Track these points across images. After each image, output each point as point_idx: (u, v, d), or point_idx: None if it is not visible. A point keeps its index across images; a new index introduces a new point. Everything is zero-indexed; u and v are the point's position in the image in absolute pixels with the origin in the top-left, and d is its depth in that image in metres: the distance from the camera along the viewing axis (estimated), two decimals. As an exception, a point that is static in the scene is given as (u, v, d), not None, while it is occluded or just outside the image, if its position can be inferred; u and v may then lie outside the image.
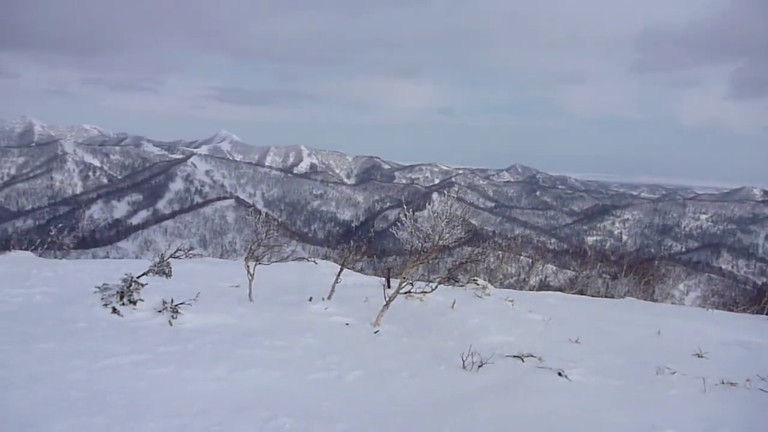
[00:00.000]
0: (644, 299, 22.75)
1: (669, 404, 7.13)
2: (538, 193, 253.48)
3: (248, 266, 11.12)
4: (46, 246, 15.52)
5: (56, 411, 5.24)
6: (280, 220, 12.67)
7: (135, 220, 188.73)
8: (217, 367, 6.98)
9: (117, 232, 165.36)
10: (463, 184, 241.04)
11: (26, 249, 14.52)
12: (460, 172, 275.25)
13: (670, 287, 30.46)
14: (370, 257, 15.08)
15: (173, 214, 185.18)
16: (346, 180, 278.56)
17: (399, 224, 11.04)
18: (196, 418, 5.54)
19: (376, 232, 13.36)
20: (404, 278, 10.72)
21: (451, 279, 13.40)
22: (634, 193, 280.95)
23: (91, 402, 5.57)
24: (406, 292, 10.81)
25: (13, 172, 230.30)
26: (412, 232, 10.68)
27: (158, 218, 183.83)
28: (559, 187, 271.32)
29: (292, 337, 8.78)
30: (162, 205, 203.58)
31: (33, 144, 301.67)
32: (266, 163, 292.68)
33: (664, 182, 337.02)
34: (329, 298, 11.38)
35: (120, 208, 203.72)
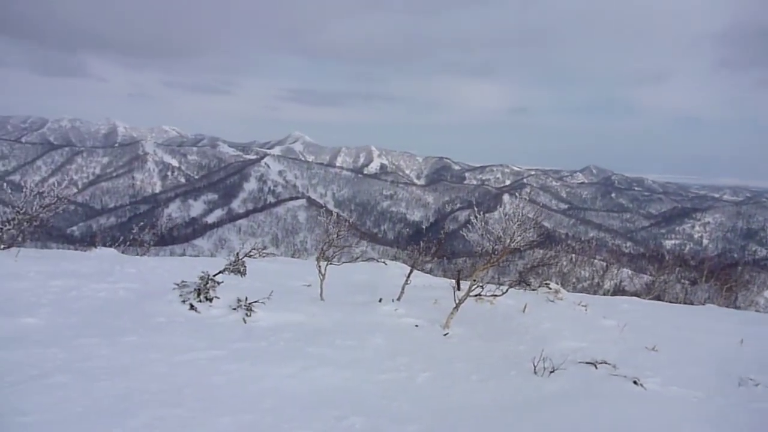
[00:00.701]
0: (726, 306, 21.80)
1: (753, 418, 6.82)
2: (613, 194, 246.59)
3: (320, 266, 11.29)
4: (128, 243, 16.19)
5: (138, 402, 5.46)
6: (350, 220, 12.80)
7: (210, 219, 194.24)
8: (290, 365, 7.12)
9: (193, 230, 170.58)
10: (535, 185, 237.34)
11: (110, 246, 15.17)
12: (533, 173, 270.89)
13: (754, 294, 29.10)
14: (440, 259, 15.03)
15: (247, 214, 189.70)
16: (416, 181, 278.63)
17: (469, 226, 10.98)
18: (268, 414, 5.66)
19: (445, 234, 13.31)
20: (474, 281, 10.64)
21: (522, 282, 13.24)
22: (716, 195, 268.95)
23: (170, 394, 5.78)
24: (476, 295, 10.73)
25: (98, 171, 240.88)
26: (482, 234, 10.59)
27: (232, 217, 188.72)
28: (636, 188, 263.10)
29: (362, 337, 8.87)
30: (236, 205, 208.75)
31: (116, 145, 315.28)
32: (337, 164, 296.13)
33: (748, 184, 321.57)
34: (399, 299, 11.43)
35: (196, 207, 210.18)
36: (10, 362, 6.01)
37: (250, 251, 9.91)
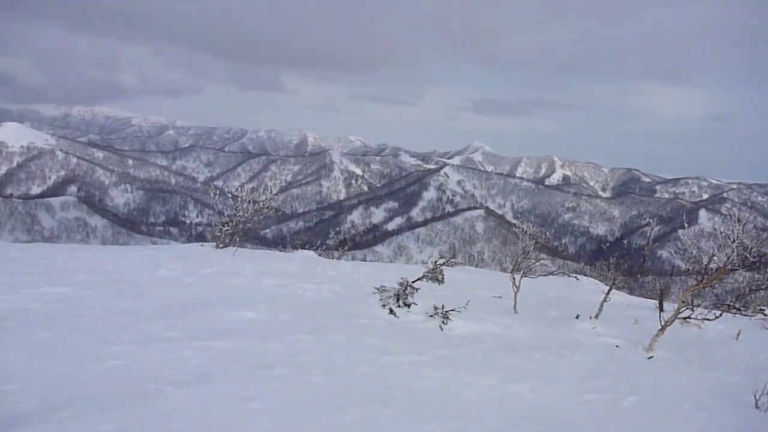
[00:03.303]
0: None
1: None
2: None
3: (513, 278, 11.14)
4: (325, 247, 17.12)
5: (350, 399, 5.70)
6: (546, 234, 12.51)
7: (390, 226, 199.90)
8: (490, 376, 7.08)
9: (374, 236, 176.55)
10: (736, 200, 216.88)
11: (310, 248, 16.13)
12: (734, 186, 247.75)
13: None
14: (635, 276, 14.18)
15: (425, 222, 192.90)
16: (600, 193, 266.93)
17: (676, 243, 10.25)
18: (474, 424, 5.65)
19: (632, 250, 12.56)
20: (683, 302, 9.91)
21: (732, 307, 12.10)
22: None
23: (377, 395, 5.97)
24: (684, 317, 9.99)
25: (289, 178, 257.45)
26: (685, 252, 9.84)
27: (411, 225, 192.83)
28: None
29: (561, 354, 8.61)
30: (415, 213, 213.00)
31: (306, 154, 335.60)
32: (517, 174, 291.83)
33: None
34: (596, 316, 10.95)
35: (377, 215, 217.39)
36: (236, 352, 6.56)
37: (448, 260, 10.02)
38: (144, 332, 6.85)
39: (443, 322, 8.94)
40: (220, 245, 13.40)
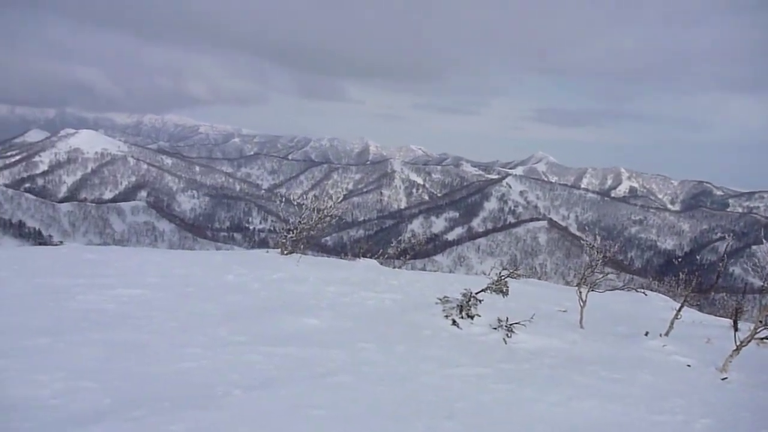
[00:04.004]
0: None
1: None
2: None
3: (580, 292, 10.90)
4: (386, 255, 17.16)
5: (414, 410, 5.68)
6: (615, 248, 12.20)
7: (450, 236, 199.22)
8: (555, 392, 6.92)
9: (434, 246, 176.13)
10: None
11: (371, 257, 16.19)
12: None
13: None
14: (707, 293, 13.68)
15: (486, 233, 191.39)
16: (669, 206, 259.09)
17: (751, 260, 9.83)
18: (539, 441, 5.54)
19: (703, 265, 12.07)
20: (760, 321, 9.47)
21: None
22: None
23: (440, 406, 5.92)
24: (762, 338, 9.54)
25: (350, 187, 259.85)
26: (763, 269, 9.42)
27: (472, 235, 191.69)
28: None
29: (628, 372, 8.34)
30: (476, 223, 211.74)
31: (368, 162, 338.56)
32: (582, 186, 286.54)
33: None
34: (666, 334, 10.59)
35: (438, 224, 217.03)
36: (300, 358, 6.63)
37: (511, 272, 9.89)
38: (212, 335, 7.01)
39: (507, 335, 8.81)
40: (285, 252, 13.62)
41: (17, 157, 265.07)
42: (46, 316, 7.00)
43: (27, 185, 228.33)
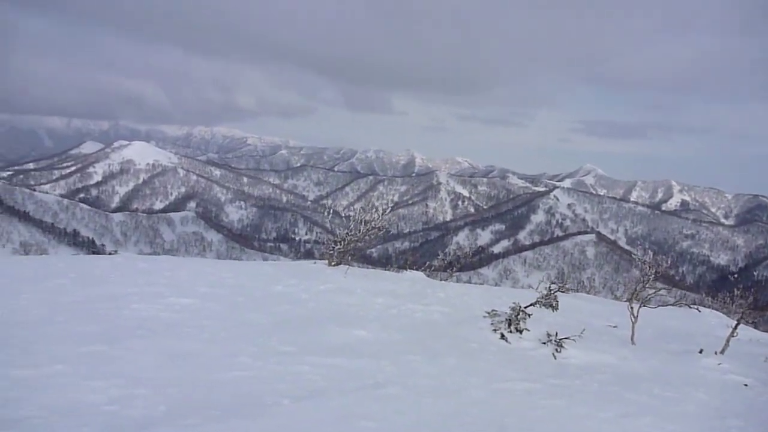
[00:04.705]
0: None
1: None
2: None
3: (632, 307, 10.67)
4: (433, 268, 17.11)
5: (460, 423, 5.63)
6: (667, 263, 11.90)
7: (496, 249, 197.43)
8: (607, 409, 6.77)
9: (480, 258, 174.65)
10: None
11: (418, 269, 16.17)
12: None
13: None
14: (764, 310, 13.23)
15: (533, 246, 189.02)
16: (723, 220, 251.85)
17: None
18: (591, 459, 5.43)
19: (758, 282, 11.66)
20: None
21: None
22: None
23: (489, 421, 5.85)
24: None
25: (396, 198, 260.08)
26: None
27: (518, 248, 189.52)
28: None
29: (683, 390, 8.11)
30: (522, 236, 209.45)
31: (413, 174, 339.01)
32: (632, 199, 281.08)
33: None
34: (722, 352, 10.27)
35: (483, 237, 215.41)
36: (348, 370, 6.65)
37: (561, 286, 9.75)
38: (261, 345, 7.09)
39: (557, 349, 8.67)
40: (332, 263, 13.72)
41: (72, 168, 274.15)
42: (103, 324, 7.20)
43: (81, 195, 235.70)
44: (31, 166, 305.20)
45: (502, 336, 8.90)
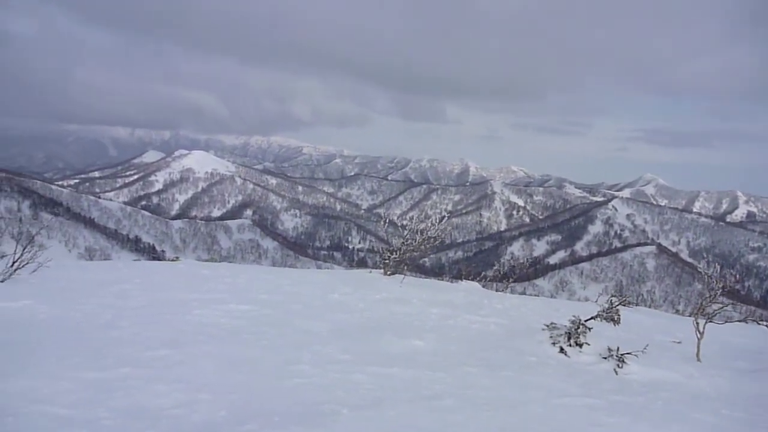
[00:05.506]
0: None
1: None
2: None
3: (697, 323, 10.31)
4: (488, 278, 16.93)
5: (518, 437, 5.55)
6: (735, 277, 11.48)
7: (552, 260, 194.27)
8: (672, 428, 6.54)
9: (535, 269, 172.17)
10: None
11: (473, 279, 16.03)
12: None
13: None
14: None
15: (590, 257, 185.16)
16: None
17: None
18: (656, 479, 5.26)
19: None
20: None
21: None
22: None
23: (550, 437, 5.75)
24: None
25: (449, 207, 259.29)
26: None
27: (575, 260, 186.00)
28: None
29: (754, 411, 7.77)
30: (579, 247, 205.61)
31: (467, 183, 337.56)
32: (694, 209, 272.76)
33: None
34: (794, 371, 9.82)
35: (539, 247, 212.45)
36: (406, 380, 6.63)
37: (623, 299, 9.50)
38: (319, 353, 7.14)
39: (618, 365, 8.44)
40: (388, 273, 13.74)
41: (135, 177, 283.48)
42: (166, 329, 7.38)
43: (143, 203, 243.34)
44: (96, 174, 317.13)
45: (561, 350, 8.72)
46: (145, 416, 4.78)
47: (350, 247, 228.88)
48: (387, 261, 13.72)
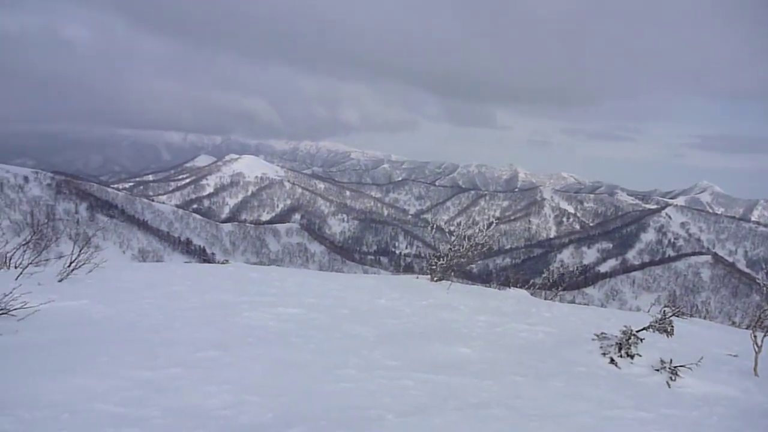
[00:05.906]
0: None
1: None
2: None
3: (755, 336, 9.96)
4: (537, 286, 16.71)
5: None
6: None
7: (603, 268, 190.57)
8: (729, 445, 6.36)
9: (585, 278, 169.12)
10: None
11: (521, 287, 15.82)
12: None
13: None
14: None
15: (642, 266, 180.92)
16: None
17: None
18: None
19: None
20: None
21: None
22: None
23: (599, 451, 5.63)
24: None
25: (497, 214, 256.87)
26: None
27: (626, 268, 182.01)
28: None
29: (815, 429, 7.48)
30: (631, 255, 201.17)
31: (516, 189, 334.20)
32: (753, 218, 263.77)
33: None
34: None
35: (589, 255, 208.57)
36: (452, 387, 6.59)
37: (676, 310, 9.25)
38: (366, 358, 7.16)
39: (671, 378, 8.21)
40: (435, 279, 13.69)
41: (187, 180, 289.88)
42: (216, 331, 7.52)
43: (195, 206, 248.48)
44: (150, 177, 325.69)
45: (612, 360, 8.54)
46: (194, 416, 4.87)
47: (397, 252, 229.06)
48: (434, 267, 13.67)
